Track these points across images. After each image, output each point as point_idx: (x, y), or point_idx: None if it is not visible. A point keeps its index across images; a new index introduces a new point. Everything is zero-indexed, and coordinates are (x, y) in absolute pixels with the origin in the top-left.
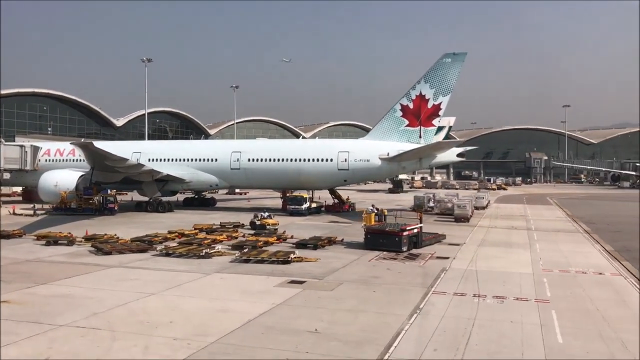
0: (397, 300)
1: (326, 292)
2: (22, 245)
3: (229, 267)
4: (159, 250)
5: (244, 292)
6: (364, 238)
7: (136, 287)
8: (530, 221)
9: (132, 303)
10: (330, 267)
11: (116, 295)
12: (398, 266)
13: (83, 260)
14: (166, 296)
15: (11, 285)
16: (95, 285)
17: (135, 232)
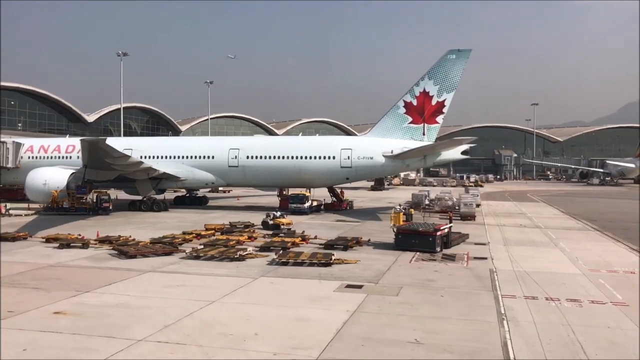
0: (472, 305)
1: (393, 297)
2: (33, 249)
3: (270, 270)
4: (188, 252)
5: (305, 297)
6: (394, 238)
7: (188, 294)
8: (533, 219)
9: (197, 313)
10: (375, 270)
11: (174, 304)
12: (443, 268)
13: (110, 264)
14: (228, 304)
15: (53, 294)
16: (143, 293)
17: (144, 233)
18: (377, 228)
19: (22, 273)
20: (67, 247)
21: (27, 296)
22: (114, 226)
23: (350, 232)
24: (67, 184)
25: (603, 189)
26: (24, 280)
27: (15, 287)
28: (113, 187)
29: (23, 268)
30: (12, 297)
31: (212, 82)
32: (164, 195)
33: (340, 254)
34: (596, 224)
